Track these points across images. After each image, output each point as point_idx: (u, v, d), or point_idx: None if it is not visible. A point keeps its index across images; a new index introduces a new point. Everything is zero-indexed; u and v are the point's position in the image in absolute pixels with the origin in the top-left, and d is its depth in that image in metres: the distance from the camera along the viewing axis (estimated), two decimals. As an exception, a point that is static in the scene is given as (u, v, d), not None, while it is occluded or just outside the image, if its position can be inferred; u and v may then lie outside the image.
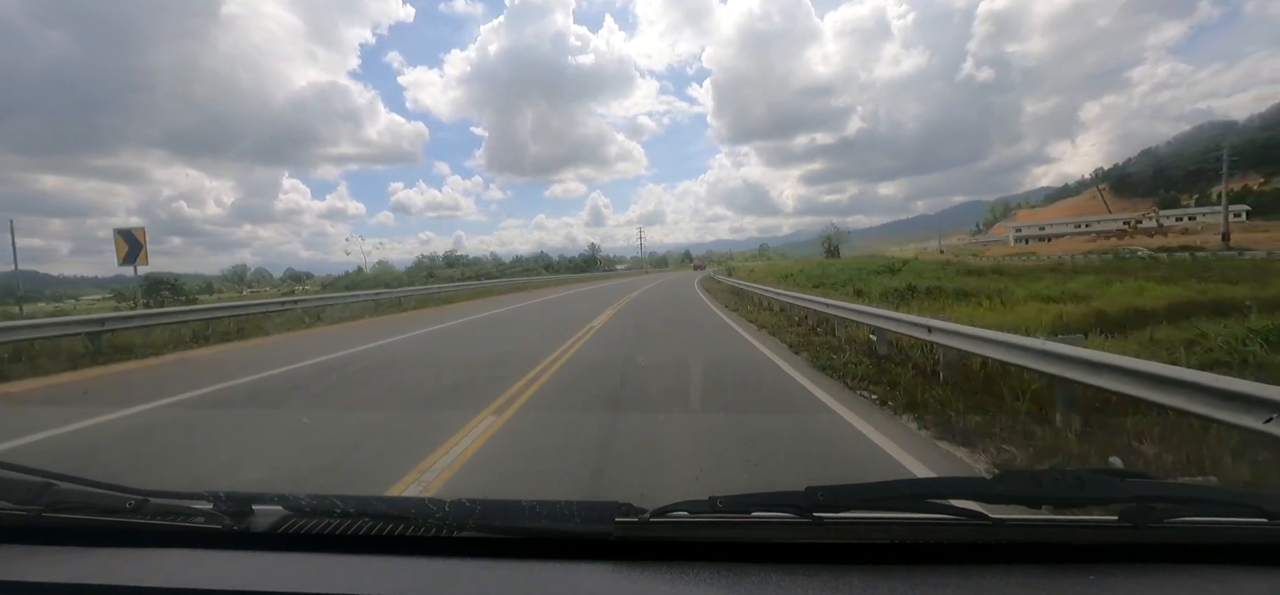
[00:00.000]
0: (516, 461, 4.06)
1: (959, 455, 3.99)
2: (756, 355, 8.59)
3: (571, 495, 2.95)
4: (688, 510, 1.05)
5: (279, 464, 4.06)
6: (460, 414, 5.11)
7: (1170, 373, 3.44)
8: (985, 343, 5.41)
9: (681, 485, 3.42)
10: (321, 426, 5.14)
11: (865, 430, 4.56)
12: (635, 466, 3.83)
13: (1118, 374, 3.76)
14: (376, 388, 7.01)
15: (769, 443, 4.33)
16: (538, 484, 3.62)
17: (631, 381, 6.64)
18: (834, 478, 2.89)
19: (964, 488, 1.08)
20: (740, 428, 4.75)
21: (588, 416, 5.15)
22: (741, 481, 3.49)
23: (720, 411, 5.29)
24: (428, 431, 4.64)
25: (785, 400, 5.80)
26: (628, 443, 4.36)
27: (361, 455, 4.21)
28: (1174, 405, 3.38)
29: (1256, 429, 2.87)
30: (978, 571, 0.95)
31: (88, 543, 1.11)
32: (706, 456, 4.02)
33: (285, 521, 1.12)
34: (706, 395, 5.94)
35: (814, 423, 4.91)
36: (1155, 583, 0.91)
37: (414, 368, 8.41)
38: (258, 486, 3.52)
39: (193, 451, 4.56)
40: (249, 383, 7.18)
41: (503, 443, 4.40)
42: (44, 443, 4.70)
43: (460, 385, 6.84)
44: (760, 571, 0.96)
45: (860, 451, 4.09)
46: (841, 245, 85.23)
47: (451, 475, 3.70)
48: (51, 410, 6.04)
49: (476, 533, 1.08)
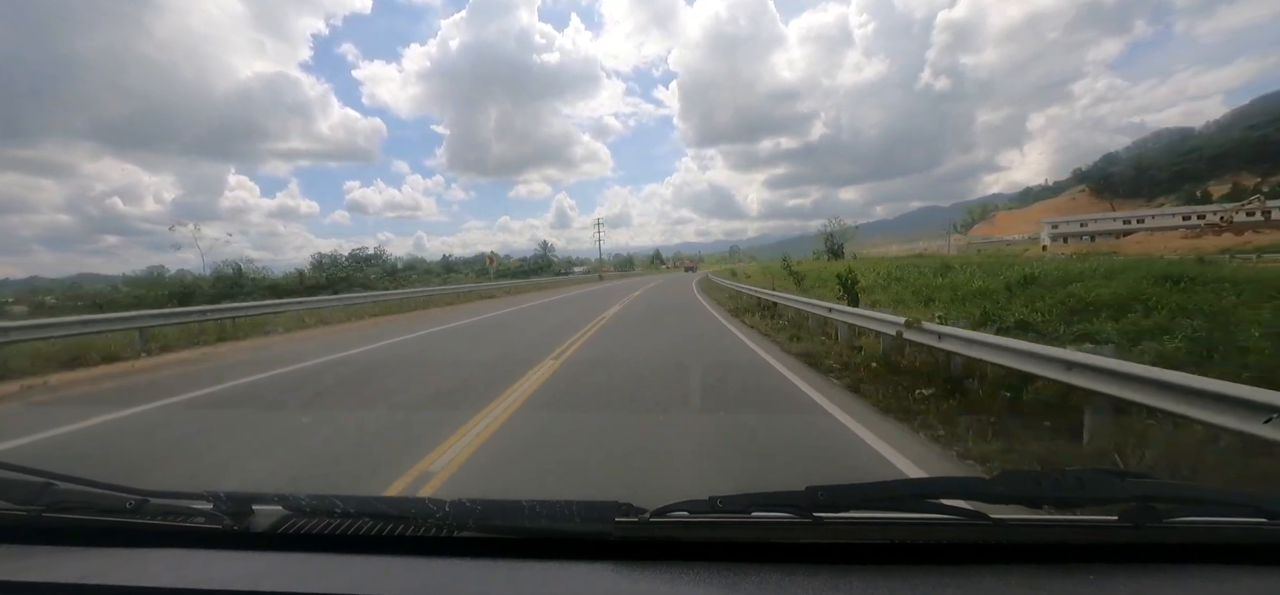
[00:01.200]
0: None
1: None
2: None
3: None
4: (688, 510, 1.05)
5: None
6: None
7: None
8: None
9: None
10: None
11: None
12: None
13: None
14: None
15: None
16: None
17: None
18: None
19: (964, 488, 1.09)
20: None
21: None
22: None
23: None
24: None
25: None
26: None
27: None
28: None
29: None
30: (978, 571, 0.95)
31: (88, 543, 1.11)
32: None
33: (285, 521, 1.12)
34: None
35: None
36: (1155, 583, 0.92)
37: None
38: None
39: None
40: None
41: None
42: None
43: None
44: (760, 571, 0.96)
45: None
46: (846, 243, 71.61)
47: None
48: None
49: (476, 533, 1.08)
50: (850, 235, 76.53)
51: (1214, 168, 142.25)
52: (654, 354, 8.96)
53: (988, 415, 4.65)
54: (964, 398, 5.29)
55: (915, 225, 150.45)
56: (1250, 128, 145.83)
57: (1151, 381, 3.57)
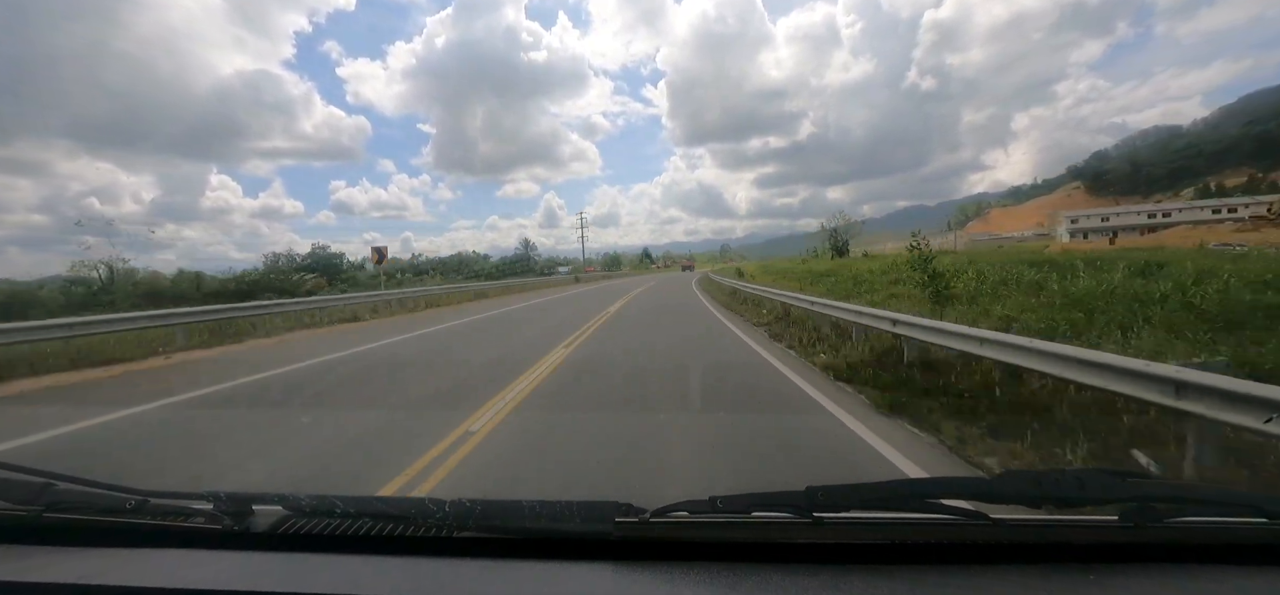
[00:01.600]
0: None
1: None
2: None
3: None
4: (688, 510, 1.05)
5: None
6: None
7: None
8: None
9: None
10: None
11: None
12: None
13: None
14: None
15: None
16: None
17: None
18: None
19: (964, 488, 1.09)
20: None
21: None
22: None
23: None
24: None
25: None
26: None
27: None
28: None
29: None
30: (978, 571, 0.95)
31: (88, 543, 1.11)
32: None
33: (285, 522, 1.12)
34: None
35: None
36: (1155, 583, 0.92)
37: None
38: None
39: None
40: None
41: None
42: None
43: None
44: (760, 571, 0.96)
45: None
46: (851, 239, 65.60)
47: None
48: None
49: (477, 533, 1.08)
50: (856, 232, 69.67)
51: (1214, 164, 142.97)
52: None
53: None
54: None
55: (902, 224, 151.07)
56: (1250, 123, 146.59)
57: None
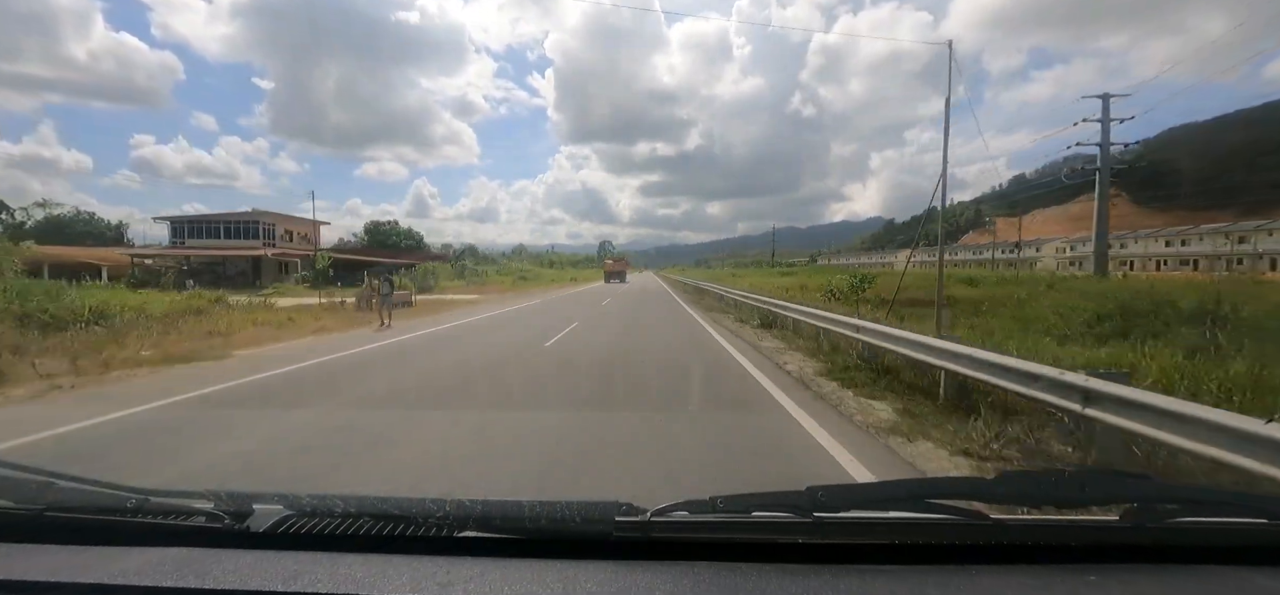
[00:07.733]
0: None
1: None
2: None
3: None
4: (688, 510, 1.05)
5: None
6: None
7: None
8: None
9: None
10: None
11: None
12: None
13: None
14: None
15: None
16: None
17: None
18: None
19: (964, 488, 1.09)
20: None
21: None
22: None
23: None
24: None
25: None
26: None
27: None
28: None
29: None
30: (978, 572, 0.95)
31: (88, 542, 1.11)
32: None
33: (286, 521, 1.12)
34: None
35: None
36: (1155, 583, 0.92)
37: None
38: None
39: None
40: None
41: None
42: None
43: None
44: (760, 571, 0.96)
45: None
46: (731, 257, 64.44)
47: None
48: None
49: (477, 533, 1.08)
50: (738, 248, 65.76)
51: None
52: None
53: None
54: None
55: (780, 244, 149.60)
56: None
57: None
